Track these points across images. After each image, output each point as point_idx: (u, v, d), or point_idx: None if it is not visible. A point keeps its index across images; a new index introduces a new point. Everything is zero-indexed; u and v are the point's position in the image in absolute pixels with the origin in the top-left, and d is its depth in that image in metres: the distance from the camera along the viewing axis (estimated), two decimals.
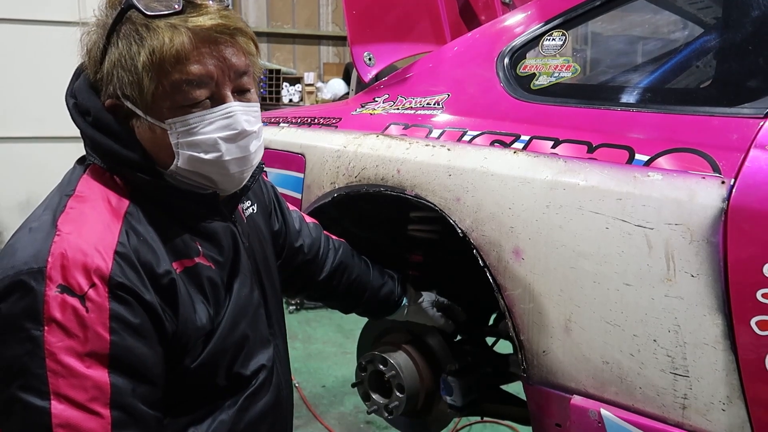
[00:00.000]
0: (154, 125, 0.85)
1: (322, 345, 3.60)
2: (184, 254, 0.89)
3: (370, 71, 1.61)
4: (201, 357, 0.89)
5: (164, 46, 0.81)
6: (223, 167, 0.88)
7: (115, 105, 0.86)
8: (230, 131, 0.87)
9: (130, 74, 0.82)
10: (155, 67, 0.81)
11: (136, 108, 0.84)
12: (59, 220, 0.81)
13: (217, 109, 0.86)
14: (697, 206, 0.96)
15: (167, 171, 0.88)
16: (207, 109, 0.85)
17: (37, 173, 5.38)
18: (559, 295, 1.11)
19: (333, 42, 7.54)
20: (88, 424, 0.75)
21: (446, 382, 1.47)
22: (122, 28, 0.83)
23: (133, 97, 0.84)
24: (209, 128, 0.86)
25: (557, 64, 1.29)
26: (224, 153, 0.87)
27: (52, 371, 0.74)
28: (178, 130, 0.85)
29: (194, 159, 0.86)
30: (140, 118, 0.85)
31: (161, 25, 0.82)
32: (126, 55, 0.82)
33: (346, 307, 1.45)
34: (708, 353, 0.97)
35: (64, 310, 0.75)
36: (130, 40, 0.82)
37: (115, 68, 0.83)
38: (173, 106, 0.84)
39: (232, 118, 0.87)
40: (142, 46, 0.81)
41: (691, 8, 1.68)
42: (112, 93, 0.85)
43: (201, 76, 0.83)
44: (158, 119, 0.85)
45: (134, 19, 0.83)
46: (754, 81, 1.10)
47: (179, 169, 0.88)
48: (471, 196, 1.22)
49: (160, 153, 0.87)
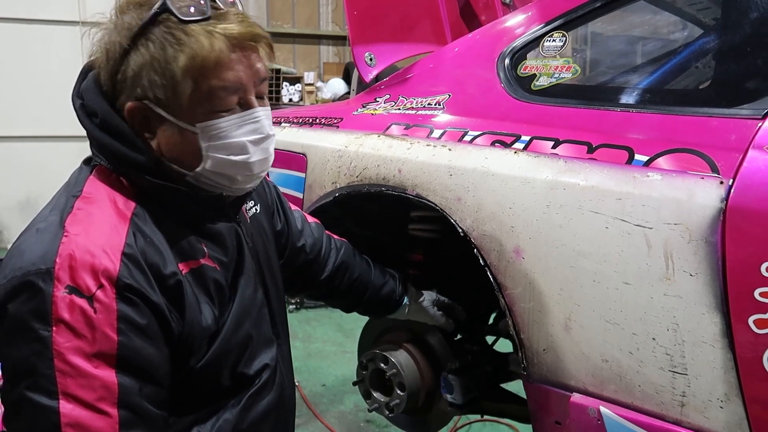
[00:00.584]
0: (185, 129, 0.86)
1: (322, 344, 3.61)
2: (190, 255, 0.90)
3: (371, 71, 1.62)
4: (206, 357, 0.89)
5: (204, 50, 0.82)
6: (249, 168, 0.91)
7: (137, 107, 0.85)
8: (257, 135, 0.90)
9: (164, 77, 0.82)
10: (195, 72, 0.82)
11: (165, 111, 0.85)
12: (67, 221, 0.81)
13: (246, 114, 0.88)
14: (696, 206, 0.97)
15: (191, 173, 0.89)
16: (237, 114, 0.87)
17: (37, 173, 5.39)
18: (559, 294, 1.12)
19: (333, 42, 7.54)
20: (97, 424, 0.75)
21: (447, 381, 1.48)
22: (154, 31, 0.83)
23: (163, 100, 0.84)
24: (239, 132, 0.88)
25: (558, 65, 1.30)
26: (252, 155, 0.90)
27: (60, 371, 0.74)
28: (209, 134, 0.86)
29: (223, 161, 0.88)
30: (166, 121, 0.85)
31: (198, 30, 0.82)
32: (160, 58, 0.82)
33: (347, 306, 1.46)
34: (706, 351, 0.98)
35: (72, 311, 0.75)
36: (165, 42, 0.82)
37: (144, 70, 0.83)
38: (207, 110, 0.85)
39: (259, 123, 0.90)
40: (180, 50, 0.82)
41: (691, 9, 1.69)
42: (139, 95, 0.84)
43: (234, 83, 0.85)
44: (189, 123, 0.85)
45: (168, 23, 0.83)
46: (752, 82, 1.11)
47: (205, 172, 0.89)
48: (472, 195, 1.23)
49: (186, 156, 0.88)
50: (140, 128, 0.87)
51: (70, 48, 5.41)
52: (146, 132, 0.87)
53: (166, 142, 0.87)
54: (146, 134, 0.87)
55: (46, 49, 5.38)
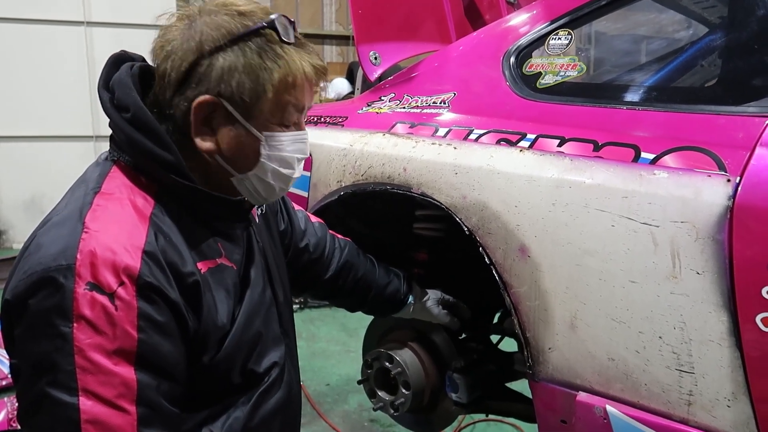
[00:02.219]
0: (252, 133, 0.90)
1: (326, 343, 3.61)
2: (208, 255, 0.91)
3: (375, 70, 1.62)
4: (217, 354, 0.90)
5: (297, 70, 0.89)
6: (287, 183, 0.98)
7: (212, 102, 0.88)
8: (302, 154, 0.98)
9: (254, 83, 0.87)
10: (282, 86, 0.89)
11: (239, 113, 0.89)
12: (86, 216, 0.81)
13: (299, 133, 0.96)
14: (703, 204, 0.97)
15: (239, 175, 0.94)
16: (293, 132, 0.95)
17: (42, 173, 5.41)
18: (565, 293, 1.12)
19: (336, 41, 7.56)
20: (116, 420, 0.76)
21: (451, 379, 1.48)
22: (255, 40, 0.88)
23: (247, 102, 0.88)
24: (292, 148, 0.95)
25: (563, 63, 1.30)
26: (295, 171, 0.98)
27: (80, 368, 0.75)
28: (270, 143, 0.92)
29: (274, 172, 0.94)
30: (236, 122, 0.89)
31: (292, 52, 0.90)
32: (257, 65, 0.87)
33: (351, 306, 1.46)
34: (713, 350, 0.98)
35: (93, 308, 0.76)
36: (264, 54, 0.88)
37: (235, 71, 0.86)
38: (277, 122, 0.92)
39: (305, 144, 0.98)
40: (277, 64, 0.88)
41: (696, 7, 1.69)
42: (221, 91, 0.87)
43: (302, 104, 0.93)
44: (258, 129, 0.91)
45: (269, 38, 0.89)
46: (759, 80, 1.10)
47: (254, 177, 0.94)
48: (477, 194, 1.23)
49: (245, 159, 0.92)
50: (202, 122, 0.89)
51: (74, 48, 5.45)
52: (206, 127, 0.90)
53: (229, 141, 0.91)
54: (205, 129, 0.90)
55: (51, 50, 5.40)
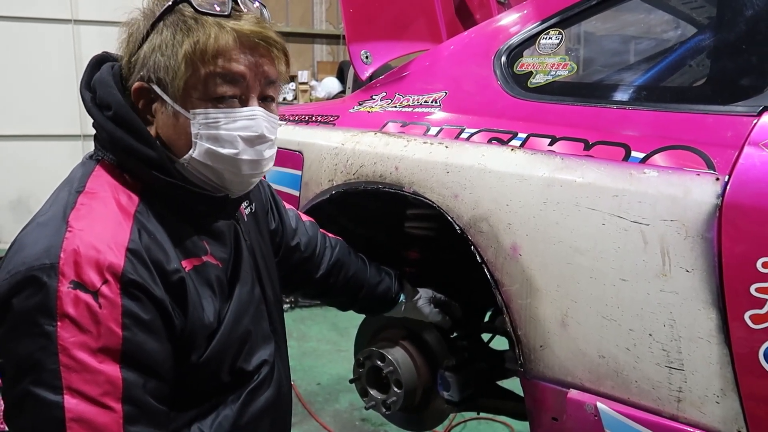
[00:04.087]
0: (178, 112, 0.87)
1: (317, 343, 3.60)
2: (193, 253, 0.90)
3: (367, 69, 1.62)
4: (206, 352, 0.90)
5: (209, 39, 0.85)
6: (236, 166, 0.90)
7: (142, 88, 0.88)
8: (250, 132, 0.89)
9: (168, 59, 0.85)
10: (196, 57, 0.85)
11: (164, 93, 0.87)
12: (70, 216, 0.81)
13: (242, 109, 0.89)
14: (692, 202, 0.98)
15: (180, 160, 0.90)
16: (233, 107, 0.88)
17: (29, 172, 5.36)
18: (556, 291, 1.13)
19: (327, 40, 7.54)
20: (101, 419, 0.75)
21: (443, 378, 1.49)
22: (170, 18, 0.87)
23: (164, 81, 0.86)
24: (231, 126, 0.88)
25: (554, 63, 1.31)
26: (240, 152, 0.89)
27: (65, 366, 0.74)
28: (200, 122, 0.87)
29: (211, 152, 0.88)
30: (165, 103, 0.87)
31: (209, 21, 0.86)
32: (169, 41, 0.85)
33: (342, 304, 1.46)
34: (702, 347, 0.98)
35: (77, 306, 0.75)
36: (176, 28, 0.86)
37: (153, 52, 0.86)
38: (202, 97, 0.87)
39: (254, 121, 0.90)
40: (187, 35, 0.85)
41: (685, 8, 1.70)
42: (143, 76, 0.87)
43: (234, 74, 0.87)
44: (184, 107, 0.87)
45: (184, 12, 0.87)
46: (747, 79, 1.11)
47: (193, 161, 0.89)
48: (469, 193, 1.23)
49: (178, 141, 0.89)
50: (144, 110, 0.89)
51: (61, 46, 5.39)
52: (148, 114, 0.89)
53: (162, 123, 0.89)
54: (149, 117, 0.89)
55: (38, 48, 5.34)
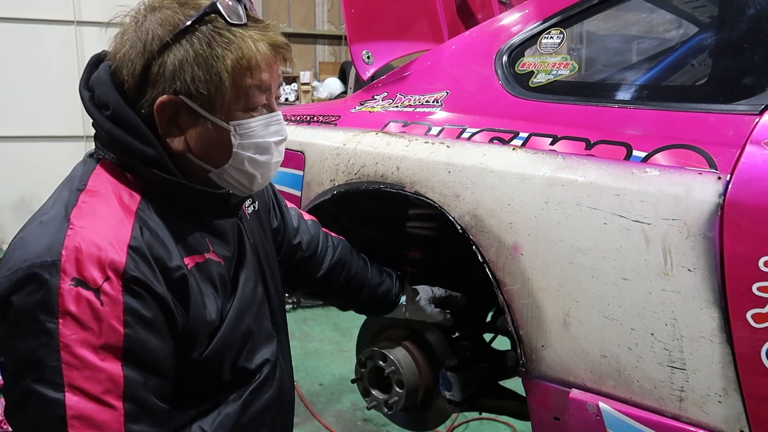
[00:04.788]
0: (219, 126, 0.88)
1: (319, 343, 3.60)
2: (195, 250, 0.90)
3: (368, 69, 1.62)
4: (207, 350, 0.89)
5: (251, 51, 0.86)
6: (269, 169, 0.95)
7: (172, 101, 0.85)
8: (279, 137, 0.94)
9: (208, 74, 0.84)
10: (239, 71, 0.86)
11: (201, 107, 0.86)
12: (72, 213, 0.81)
13: (271, 115, 0.92)
14: (694, 201, 0.98)
15: (217, 170, 0.91)
16: (264, 115, 0.91)
17: (31, 173, 5.37)
18: (558, 290, 1.13)
19: (329, 41, 7.54)
20: (102, 416, 0.75)
21: (445, 378, 1.49)
22: (201, 29, 0.85)
23: (205, 95, 0.85)
24: (266, 132, 0.92)
25: (555, 62, 1.31)
26: (273, 156, 0.94)
27: (66, 363, 0.74)
28: (241, 132, 0.89)
29: (250, 160, 0.91)
30: (199, 116, 0.87)
31: (243, 34, 0.86)
32: (207, 55, 0.84)
33: (343, 304, 1.46)
34: (704, 346, 0.98)
35: (78, 303, 0.75)
36: (212, 42, 0.84)
37: (186, 65, 0.84)
38: (243, 108, 0.89)
39: (281, 125, 0.94)
40: (228, 49, 0.85)
41: (687, 7, 1.70)
42: (177, 89, 0.85)
43: (266, 83, 0.90)
44: (224, 120, 0.88)
45: (215, 23, 0.85)
46: (749, 78, 1.11)
47: (230, 168, 0.91)
48: (470, 192, 1.23)
49: (215, 152, 0.90)
50: (167, 123, 0.87)
51: (63, 47, 5.40)
52: (173, 127, 0.88)
53: (197, 138, 0.89)
54: (173, 129, 0.88)
55: (40, 49, 5.36)
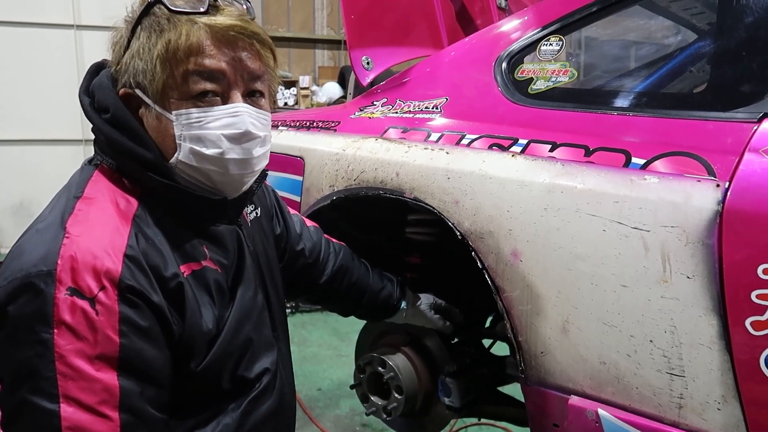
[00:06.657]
0: (161, 115, 0.87)
1: (318, 348, 3.60)
2: (192, 257, 0.89)
3: (368, 75, 1.62)
4: (206, 360, 0.89)
5: (180, 37, 0.84)
6: (222, 166, 0.88)
7: (127, 94, 0.88)
8: (234, 130, 0.87)
9: (145, 63, 0.85)
10: (169, 56, 0.84)
11: (146, 96, 0.87)
12: (68, 222, 0.81)
13: (224, 106, 0.87)
14: (693, 209, 0.98)
15: (169, 163, 0.89)
16: (216, 106, 0.87)
17: (31, 176, 5.38)
18: (557, 297, 1.13)
19: (328, 46, 7.56)
20: (98, 427, 0.75)
21: (444, 384, 1.48)
22: (146, 21, 0.86)
23: (144, 85, 0.86)
24: (214, 124, 0.86)
25: (554, 69, 1.31)
26: (225, 151, 0.87)
27: (61, 374, 0.74)
28: (183, 122, 0.86)
29: (195, 153, 0.87)
30: (149, 107, 0.87)
31: (182, 20, 0.85)
32: (145, 44, 0.85)
33: (344, 310, 1.46)
34: (704, 353, 0.98)
35: (73, 313, 0.75)
36: (150, 31, 0.85)
37: (133, 58, 0.86)
38: (181, 97, 0.86)
39: (238, 118, 0.87)
40: (160, 36, 0.85)
41: (686, 14, 1.70)
42: (126, 82, 0.87)
43: (212, 71, 0.85)
44: (166, 109, 0.86)
45: (158, 13, 0.86)
46: (747, 86, 1.11)
47: (179, 163, 0.88)
48: (469, 198, 1.23)
49: (165, 143, 0.88)
50: (134, 117, 0.89)
51: (64, 51, 5.41)
52: (137, 119, 0.89)
53: (149, 127, 0.89)
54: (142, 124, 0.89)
55: (41, 53, 5.37)
